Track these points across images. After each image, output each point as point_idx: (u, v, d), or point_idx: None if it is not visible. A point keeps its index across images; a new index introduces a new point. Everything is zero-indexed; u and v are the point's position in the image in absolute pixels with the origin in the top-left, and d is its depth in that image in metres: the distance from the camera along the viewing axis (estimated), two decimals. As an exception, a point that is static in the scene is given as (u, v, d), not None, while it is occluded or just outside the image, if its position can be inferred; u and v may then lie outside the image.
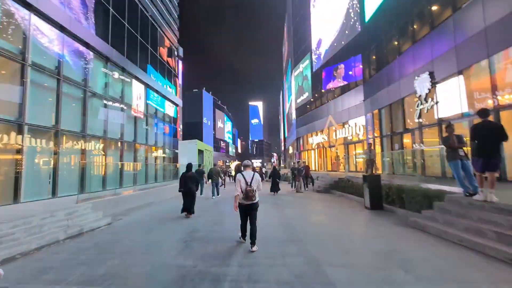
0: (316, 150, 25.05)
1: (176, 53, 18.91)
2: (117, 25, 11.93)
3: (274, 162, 58.37)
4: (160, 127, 16.23)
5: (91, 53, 10.08)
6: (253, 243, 4.60)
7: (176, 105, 18.82)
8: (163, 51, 17.06)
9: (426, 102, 10.58)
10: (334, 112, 20.93)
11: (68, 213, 5.86)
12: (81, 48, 9.57)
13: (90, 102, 9.96)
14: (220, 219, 7.34)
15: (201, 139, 46.31)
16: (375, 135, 15.64)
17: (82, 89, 9.54)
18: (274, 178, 14.06)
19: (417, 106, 11.15)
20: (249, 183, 4.62)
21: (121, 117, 11.87)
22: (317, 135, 24.28)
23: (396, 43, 13.35)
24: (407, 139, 12.60)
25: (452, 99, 9.39)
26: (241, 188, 4.63)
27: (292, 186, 15.97)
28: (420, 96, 10.96)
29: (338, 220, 6.92)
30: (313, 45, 24.60)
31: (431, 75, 10.30)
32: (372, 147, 11.64)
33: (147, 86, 14.36)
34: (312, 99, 25.51)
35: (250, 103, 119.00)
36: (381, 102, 14.59)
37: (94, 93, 10.19)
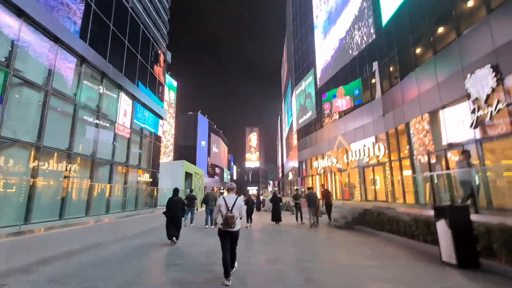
0: (322, 175, 21.84)
1: (164, 57, 16.40)
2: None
3: (275, 188, 53.88)
4: (135, 140, 13.08)
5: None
6: (231, 264, 4.24)
7: (160, 117, 15.86)
8: (146, 52, 14.54)
9: (489, 105, 7.76)
10: (344, 131, 18.13)
11: None
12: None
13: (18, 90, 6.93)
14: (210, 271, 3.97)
15: (194, 164, 42.86)
16: (401, 155, 12.68)
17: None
18: (275, 206, 12.56)
19: (473, 113, 8.31)
20: (230, 208, 4.21)
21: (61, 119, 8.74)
22: (323, 158, 21.25)
23: (429, 41, 10.93)
24: (452, 157, 9.62)
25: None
26: (221, 213, 4.27)
27: (297, 219, 12.55)
28: (476, 99, 8.20)
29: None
30: (318, 59, 22.60)
31: (495, 68, 7.62)
32: (471, 159, 6.85)
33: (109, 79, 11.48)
34: (316, 118, 22.89)
35: (247, 127, 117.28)
36: (409, 114, 11.86)
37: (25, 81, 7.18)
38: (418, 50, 11.71)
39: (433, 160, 10.49)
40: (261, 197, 24.39)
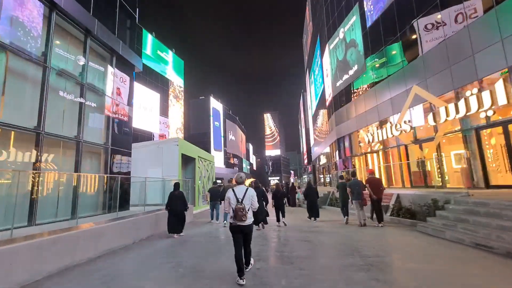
0: (380, 152, 15.11)
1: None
2: None
3: (309, 176, 45.21)
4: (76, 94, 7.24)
5: None
6: (247, 263, 4.04)
7: (130, 66, 9.94)
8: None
9: None
10: (424, 76, 11.27)
11: None
12: None
13: None
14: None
15: (209, 153, 37.33)
16: None
17: None
18: (311, 198, 10.19)
19: None
20: (240, 200, 3.93)
21: None
22: (381, 127, 14.48)
23: None
24: None
25: None
26: (231, 207, 3.97)
27: (345, 216, 9.00)
28: None
29: None
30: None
31: None
32: None
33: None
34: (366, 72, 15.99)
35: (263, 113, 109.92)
36: None
37: None
38: None
39: None
40: (297, 187, 18.26)
